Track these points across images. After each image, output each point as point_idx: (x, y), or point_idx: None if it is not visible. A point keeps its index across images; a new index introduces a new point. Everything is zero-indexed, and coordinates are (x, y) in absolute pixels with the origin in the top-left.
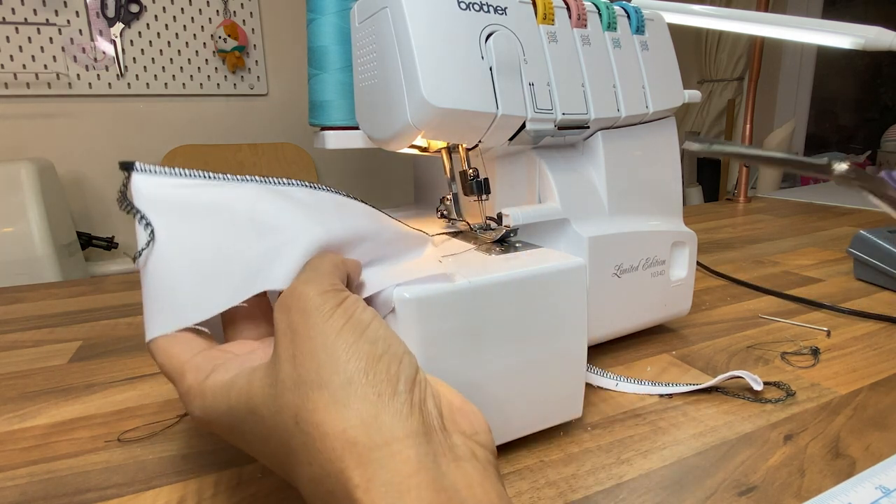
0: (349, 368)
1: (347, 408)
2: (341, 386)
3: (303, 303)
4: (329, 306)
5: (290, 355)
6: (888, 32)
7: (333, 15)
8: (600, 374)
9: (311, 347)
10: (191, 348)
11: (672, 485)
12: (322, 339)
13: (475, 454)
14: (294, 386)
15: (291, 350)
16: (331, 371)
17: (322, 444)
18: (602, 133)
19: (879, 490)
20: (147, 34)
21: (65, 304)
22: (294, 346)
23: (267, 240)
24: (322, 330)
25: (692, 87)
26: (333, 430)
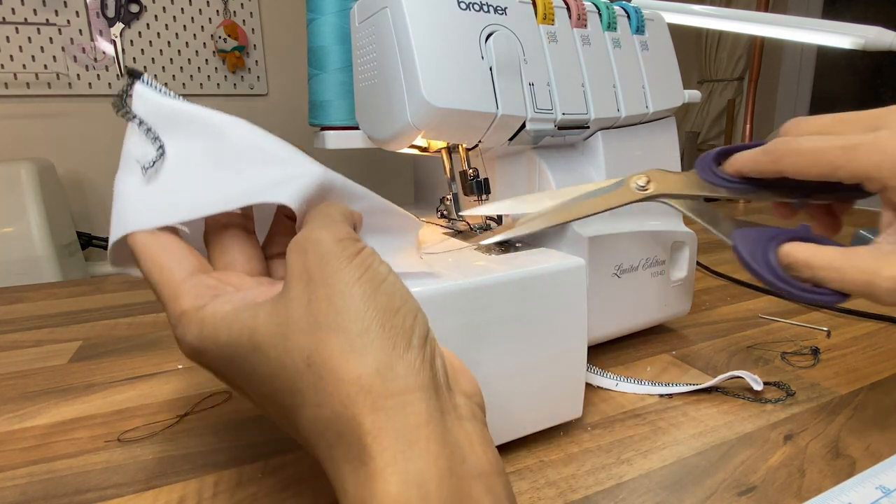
0: (367, 318)
1: (364, 355)
2: (359, 334)
3: (321, 248)
4: (347, 254)
5: (306, 299)
6: (888, 32)
7: (333, 15)
8: (600, 374)
9: (328, 293)
10: (184, 267)
11: (672, 485)
12: (340, 287)
13: (475, 415)
14: (308, 329)
15: (307, 294)
16: (348, 319)
17: (335, 388)
18: (602, 133)
19: (879, 490)
20: (147, 34)
21: (65, 304)
22: (310, 290)
23: (273, 165)
24: (340, 277)
25: (692, 87)
26: (349, 376)
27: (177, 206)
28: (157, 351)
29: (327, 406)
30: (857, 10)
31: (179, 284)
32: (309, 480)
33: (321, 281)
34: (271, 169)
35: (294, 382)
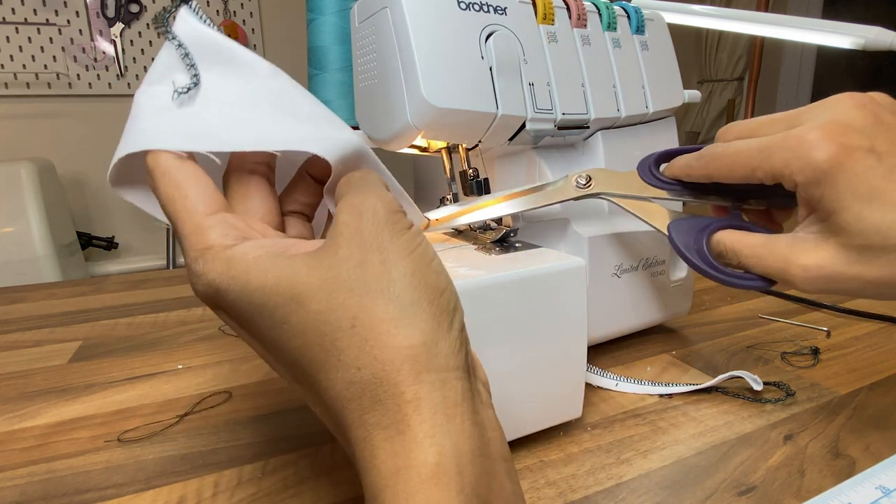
0: (417, 290)
1: (413, 326)
2: (409, 304)
3: (378, 216)
4: (400, 226)
5: (356, 261)
6: (888, 32)
7: (333, 15)
8: (600, 374)
9: (382, 259)
10: (209, 201)
11: (672, 485)
12: (395, 256)
13: (490, 403)
14: (357, 290)
15: (359, 256)
16: (401, 287)
17: (381, 352)
18: (602, 133)
19: (879, 490)
20: (147, 34)
21: (65, 304)
22: (362, 252)
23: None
24: (395, 247)
25: (692, 87)
26: (396, 343)
27: (208, 136)
28: (157, 351)
29: (368, 369)
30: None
31: (204, 217)
32: (309, 480)
33: (375, 246)
34: (308, 122)
35: (333, 340)
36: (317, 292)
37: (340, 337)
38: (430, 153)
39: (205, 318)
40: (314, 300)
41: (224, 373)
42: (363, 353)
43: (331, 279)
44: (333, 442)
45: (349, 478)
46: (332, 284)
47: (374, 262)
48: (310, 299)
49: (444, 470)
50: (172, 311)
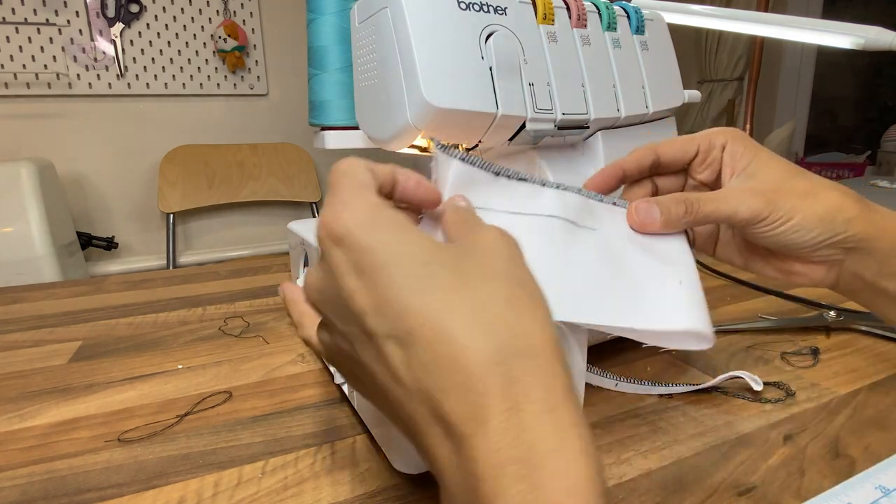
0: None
1: (554, 328)
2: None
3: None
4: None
5: (510, 257)
6: (888, 32)
7: (333, 15)
8: (600, 374)
9: (526, 272)
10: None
11: (672, 485)
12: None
13: None
14: (513, 280)
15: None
16: (542, 297)
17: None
18: (602, 133)
19: (879, 490)
20: (147, 34)
21: (65, 304)
22: (513, 259)
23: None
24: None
25: (692, 87)
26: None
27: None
28: (157, 351)
29: (523, 339)
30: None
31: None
32: (309, 480)
33: (520, 261)
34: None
35: (486, 309)
36: (472, 271)
37: (494, 308)
38: (430, 153)
39: (205, 318)
40: (469, 276)
41: (224, 373)
42: (518, 325)
43: (486, 266)
44: (333, 442)
45: (349, 478)
46: (486, 270)
47: (522, 271)
48: (465, 273)
49: (594, 461)
50: (172, 311)
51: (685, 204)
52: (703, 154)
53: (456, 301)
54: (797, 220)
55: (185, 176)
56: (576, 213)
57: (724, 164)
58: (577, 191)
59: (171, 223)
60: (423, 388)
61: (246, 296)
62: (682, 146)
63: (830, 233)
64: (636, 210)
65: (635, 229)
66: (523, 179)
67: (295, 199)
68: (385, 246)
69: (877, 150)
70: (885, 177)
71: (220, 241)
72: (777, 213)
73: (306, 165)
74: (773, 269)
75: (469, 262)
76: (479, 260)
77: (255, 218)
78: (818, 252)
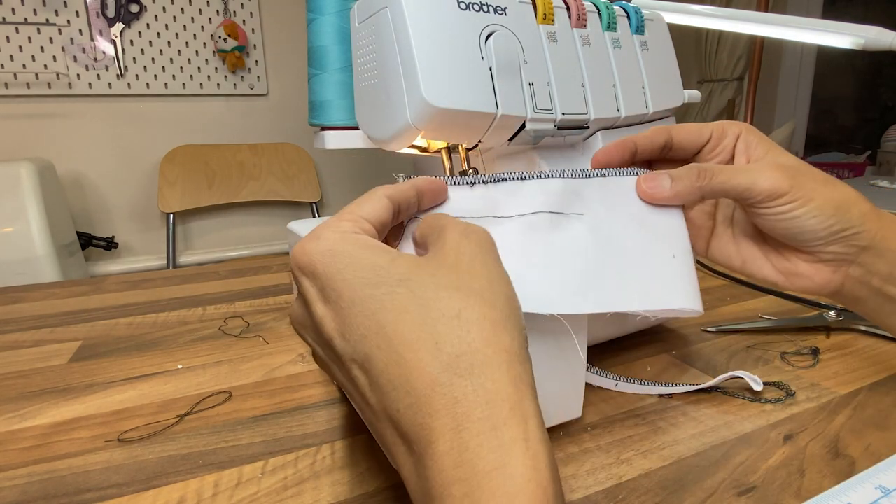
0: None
1: (512, 338)
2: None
3: (482, 241)
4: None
5: (466, 269)
6: (888, 32)
7: (333, 15)
8: (600, 374)
9: (488, 275)
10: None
11: (672, 485)
12: (497, 277)
13: None
14: (465, 291)
15: (468, 266)
16: (502, 303)
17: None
18: (602, 133)
19: (879, 490)
20: (147, 34)
21: (65, 304)
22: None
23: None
24: (499, 271)
25: (692, 87)
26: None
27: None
28: (157, 351)
29: (467, 358)
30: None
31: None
32: (309, 480)
33: (481, 263)
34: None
35: (434, 325)
36: (426, 283)
37: (443, 323)
38: (430, 153)
39: (205, 318)
40: (421, 288)
41: (224, 373)
42: (464, 342)
43: (440, 277)
44: (333, 442)
45: (349, 478)
46: (440, 281)
47: (481, 275)
48: (417, 286)
49: (542, 476)
50: (172, 311)
51: (697, 171)
52: (714, 141)
53: (407, 322)
54: (816, 204)
55: (185, 176)
56: (560, 202)
57: (737, 153)
58: (561, 173)
59: (171, 223)
60: (385, 408)
61: (246, 296)
62: (696, 130)
63: (846, 223)
64: (644, 179)
65: (644, 199)
66: (502, 180)
67: (295, 199)
68: (342, 272)
69: (877, 150)
70: (885, 177)
71: (220, 241)
72: (798, 192)
73: (306, 165)
74: (775, 271)
75: (424, 275)
76: (435, 270)
77: (255, 218)
78: (830, 247)
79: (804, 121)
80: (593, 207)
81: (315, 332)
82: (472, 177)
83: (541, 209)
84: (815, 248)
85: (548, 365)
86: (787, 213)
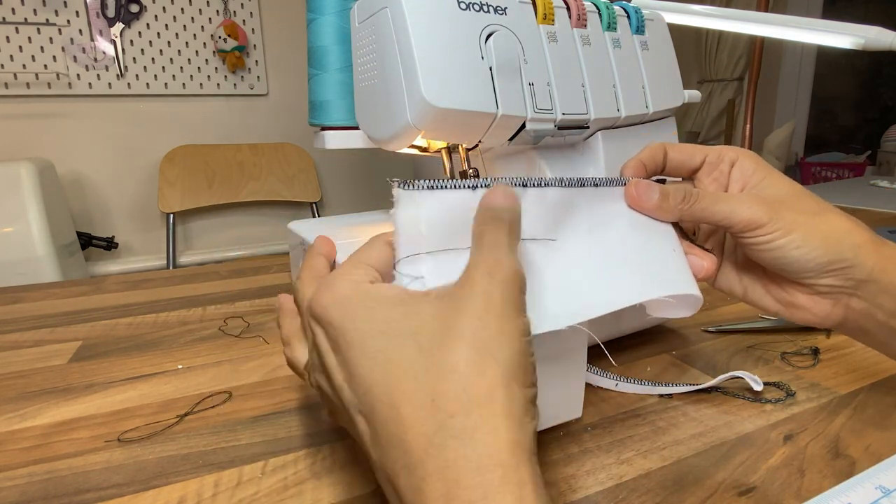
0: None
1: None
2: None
3: (508, 286)
4: (523, 307)
5: (479, 318)
6: (888, 32)
7: (333, 15)
8: (600, 374)
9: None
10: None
11: (672, 485)
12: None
13: None
14: (471, 342)
15: (483, 314)
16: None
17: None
18: (602, 133)
19: (879, 490)
20: (147, 34)
21: (65, 304)
22: (487, 313)
23: None
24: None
25: (692, 87)
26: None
27: None
28: (157, 351)
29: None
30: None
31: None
32: (309, 480)
33: (498, 314)
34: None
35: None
36: (434, 332)
37: (442, 378)
38: (430, 153)
39: (205, 318)
40: (429, 339)
41: (224, 373)
42: (459, 400)
43: (451, 325)
44: (333, 442)
45: (349, 478)
46: (450, 330)
47: (493, 326)
48: (425, 337)
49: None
50: (172, 311)
51: (684, 193)
52: (709, 166)
53: (410, 376)
54: (797, 236)
55: (184, 176)
56: (548, 219)
57: (732, 180)
58: (559, 182)
59: (171, 223)
60: (383, 466)
61: (246, 296)
62: (690, 152)
63: (836, 255)
64: (636, 185)
65: (629, 204)
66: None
67: (295, 199)
68: (352, 322)
69: (877, 150)
70: (885, 177)
71: (220, 241)
72: (776, 224)
73: (306, 165)
74: (774, 302)
75: (436, 325)
76: (448, 316)
77: (255, 218)
78: (823, 280)
79: (804, 121)
80: (586, 213)
81: (327, 379)
82: (474, 180)
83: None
84: (808, 280)
85: (548, 364)
86: (768, 244)
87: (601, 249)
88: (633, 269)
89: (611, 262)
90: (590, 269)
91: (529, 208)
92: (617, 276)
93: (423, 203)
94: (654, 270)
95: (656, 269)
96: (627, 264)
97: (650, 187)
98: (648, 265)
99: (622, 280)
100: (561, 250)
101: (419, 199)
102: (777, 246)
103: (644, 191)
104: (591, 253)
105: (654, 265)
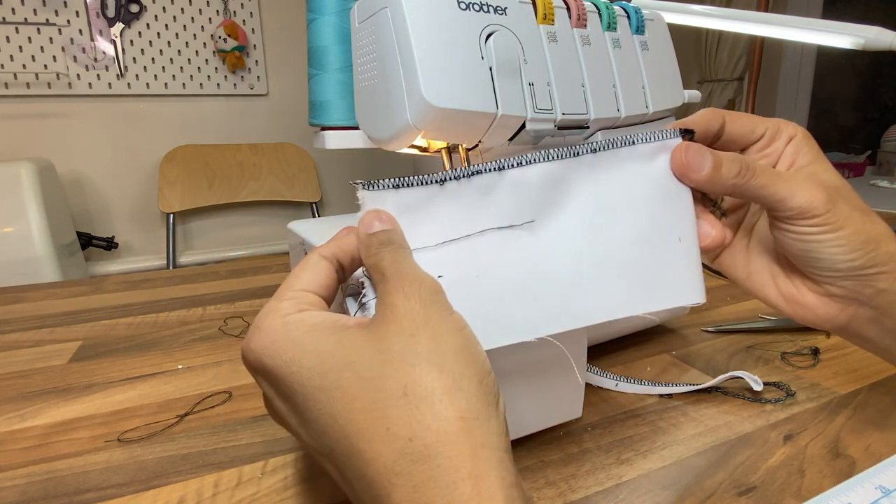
0: (468, 367)
1: (466, 399)
2: (460, 377)
3: (424, 296)
4: (447, 307)
5: (410, 333)
6: (888, 32)
7: (333, 15)
8: (600, 374)
9: (432, 333)
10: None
11: (672, 485)
12: (445, 332)
13: None
14: (410, 360)
15: (411, 329)
16: (452, 360)
17: (434, 422)
18: (602, 133)
19: (879, 490)
20: (147, 34)
21: (65, 304)
22: (414, 326)
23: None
24: (446, 324)
25: (692, 87)
26: (450, 413)
27: None
28: (157, 351)
29: (420, 440)
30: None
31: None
32: (309, 480)
33: (425, 322)
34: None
35: (384, 408)
36: (371, 360)
37: (392, 405)
38: (430, 153)
39: (205, 318)
40: (367, 367)
41: (224, 373)
42: (414, 421)
43: (384, 349)
44: None
45: None
46: (385, 354)
47: (425, 335)
48: (363, 366)
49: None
50: (172, 311)
51: (740, 165)
52: (767, 139)
53: (357, 410)
54: (845, 233)
55: (184, 176)
56: (538, 202)
57: (783, 156)
58: (546, 155)
59: (171, 223)
60: (355, 498)
61: (246, 296)
62: (751, 124)
63: (871, 261)
64: (686, 150)
65: (674, 169)
66: (477, 173)
67: (295, 199)
68: (287, 367)
69: (877, 150)
70: (885, 177)
71: (220, 241)
72: (833, 216)
73: (306, 165)
74: (777, 293)
75: (370, 351)
76: (379, 342)
77: (255, 218)
78: (844, 281)
79: (804, 121)
80: (582, 194)
81: (287, 427)
82: (443, 172)
83: (489, 226)
84: (828, 280)
85: (548, 365)
86: (811, 235)
87: (592, 237)
88: (629, 272)
89: (604, 259)
90: (578, 263)
91: (508, 193)
92: (608, 279)
93: (387, 202)
94: (653, 274)
95: (656, 271)
96: (622, 266)
97: (702, 154)
98: (648, 266)
99: (613, 284)
100: (545, 237)
101: (384, 198)
102: (821, 239)
103: (695, 157)
104: (582, 244)
105: (655, 265)
